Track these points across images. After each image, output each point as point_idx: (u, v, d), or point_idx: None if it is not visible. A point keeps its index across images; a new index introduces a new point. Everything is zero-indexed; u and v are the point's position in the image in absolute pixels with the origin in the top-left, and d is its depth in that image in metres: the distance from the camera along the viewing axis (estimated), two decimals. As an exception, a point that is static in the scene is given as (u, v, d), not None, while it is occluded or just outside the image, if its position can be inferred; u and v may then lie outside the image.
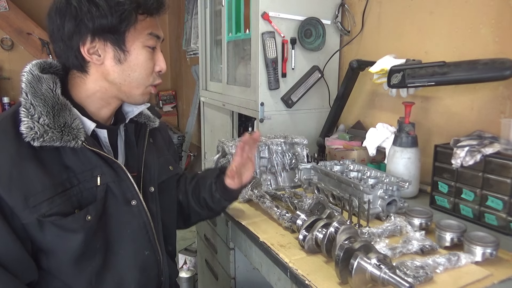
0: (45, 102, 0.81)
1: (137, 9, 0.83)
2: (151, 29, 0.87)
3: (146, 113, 1.04)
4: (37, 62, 0.88)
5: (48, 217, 0.78)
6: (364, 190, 1.12)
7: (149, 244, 0.93)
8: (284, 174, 1.45)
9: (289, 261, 0.93)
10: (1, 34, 3.94)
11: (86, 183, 0.84)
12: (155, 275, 0.96)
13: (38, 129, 0.78)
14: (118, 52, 0.85)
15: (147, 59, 0.88)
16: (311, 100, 1.87)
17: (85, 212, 0.82)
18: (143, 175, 0.96)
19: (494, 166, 1.09)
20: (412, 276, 0.82)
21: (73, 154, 0.83)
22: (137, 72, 0.88)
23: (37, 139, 0.78)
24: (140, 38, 0.86)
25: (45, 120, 0.79)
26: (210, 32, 2.38)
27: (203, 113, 2.55)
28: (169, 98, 4.88)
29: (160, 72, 0.92)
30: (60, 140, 0.80)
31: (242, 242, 1.23)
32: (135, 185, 0.90)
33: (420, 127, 1.46)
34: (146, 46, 0.87)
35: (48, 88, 0.83)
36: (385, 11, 1.67)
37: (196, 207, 1.13)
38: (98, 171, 0.85)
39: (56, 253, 0.82)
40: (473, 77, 1.16)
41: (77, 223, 0.81)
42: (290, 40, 1.74)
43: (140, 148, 0.99)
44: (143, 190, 0.95)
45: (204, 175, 1.15)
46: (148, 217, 0.93)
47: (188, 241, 3.03)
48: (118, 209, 0.88)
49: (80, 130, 0.83)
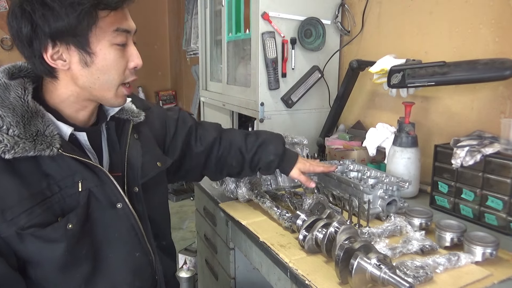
0: (14, 111, 0.76)
1: (96, 6, 0.75)
2: (116, 25, 0.79)
3: (128, 107, 0.98)
4: (5, 68, 0.83)
5: (27, 229, 0.75)
6: (364, 190, 1.12)
7: (139, 246, 0.91)
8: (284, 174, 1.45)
9: (289, 261, 0.93)
10: (1, 34, 3.95)
11: (68, 190, 0.80)
12: (149, 275, 0.94)
13: (8, 141, 0.74)
14: (84, 55, 0.78)
15: (117, 57, 0.81)
16: (311, 100, 1.87)
17: (66, 221, 0.79)
18: (127, 175, 0.92)
19: (494, 166, 1.09)
20: (412, 276, 0.82)
21: (51, 161, 0.79)
22: (107, 74, 0.81)
23: (8, 152, 0.73)
24: (106, 37, 0.79)
25: (15, 131, 0.75)
26: (210, 32, 2.39)
27: (203, 113, 2.55)
28: (169, 98, 4.88)
29: (135, 68, 0.85)
30: (34, 150, 0.75)
31: (242, 242, 1.23)
32: (119, 187, 0.86)
33: (420, 127, 1.46)
34: (114, 44, 0.80)
35: (16, 96, 0.78)
36: (385, 11, 1.67)
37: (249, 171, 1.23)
38: (79, 177, 0.81)
39: (41, 263, 0.80)
40: (473, 77, 1.16)
41: (57, 233, 0.78)
42: (290, 40, 1.74)
43: (123, 146, 0.93)
44: (128, 191, 0.91)
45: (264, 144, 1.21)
46: (135, 219, 0.89)
47: (188, 241, 3.03)
48: (104, 213, 0.85)
49: (54, 137, 0.78)
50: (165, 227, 1.07)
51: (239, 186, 1.30)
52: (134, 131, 0.97)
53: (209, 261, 1.64)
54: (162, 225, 1.04)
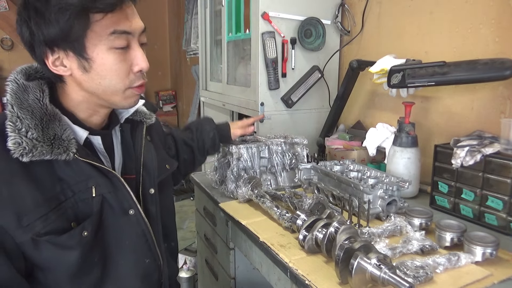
0: (32, 114, 0.76)
1: (88, 10, 0.72)
2: (113, 27, 0.74)
3: (141, 109, 0.97)
4: (22, 68, 0.82)
5: (43, 235, 0.74)
6: (364, 190, 1.12)
7: (149, 252, 0.91)
8: (284, 174, 1.45)
9: (289, 261, 0.93)
10: (1, 34, 3.95)
11: (81, 194, 0.79)
12: (156, 280, 0.94)
13: (27, 144, 0.73)
14: (81, 61, 0.76)
15: (117, 62, 0.77)
16: (311, 100, 1.87)
17: (81, 228, 0.78)
18: (142, 177, 0.91)
19: (494, 166, 1.09)
20: (412, 276, 0.82)
21: (66, 166, 0.78)
22: (107, 78, 0.78)
23: (26, 155, 0.73)
24: (102, 41, 0.74)
25: (34, 134, 0.74)
26: (210, 32, 2.39)
27: (203, 113, 2.55)
28: (169, 98, 4.88)
29: (140, 72, 0.81)
30: (51, 154, 0.75)
31: (242, 242, 1.23)
32: (131, 192, 0.86)
33: (420, 127, 1.46)
34: (113, 48, 0.76)
35: (35, 98, 0.77)
36: (385, 11, 1.67)
37: (200, 157, 1.35)
38: (92, 182, 0.80)
39: (53, 269, 0.79)
40: (473, 77, 1.16)
41: (73, 240, 0.77)
42: (290, 40, 1.74)
43: (138, 148, 0.93)
44: (143, 193, 0.91)
45: (200, 128, 1.36)
46: (146, 225, 0.89)
47: (188, 241, 3.03)
48: (116, 220, 0.85)
49: (71, 141, 0.77)
50: (173, 229, 1.08)
51: (239, 186, 1.30)
52: (146, 133, 0.97)
53: (209, 261, 1.64)
54: (170, 227, 1.05)
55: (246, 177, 1.31)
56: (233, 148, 1.36)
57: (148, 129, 0.99)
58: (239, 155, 1.37)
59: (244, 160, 1.37)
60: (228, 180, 1.35)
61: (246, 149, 1.38)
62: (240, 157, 1.37)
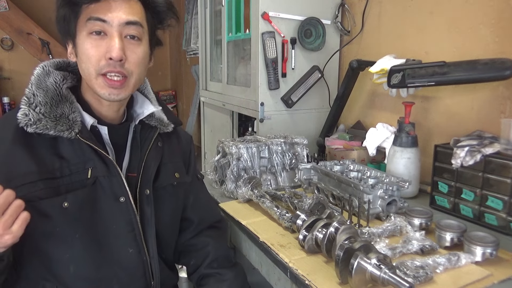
0: (46, 93, 0.85)
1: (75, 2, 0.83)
2: (90, 14, 0.83)
3: (158, 116, 1.02)
4: (55, 60, 0.93)
5: (26, 202, 0.74)
6: (364, 190, 1.12)
7: (134, 243, 0.91)
8: (284, 174, 1.45)
9: (289, 261, 0.93)
10: (1, 34, 3.94)
11: (78, 175, 0.85)
12: (141, 275, 0.94)
13: (32, 116, 0.81)
14: (74, 48, 0.88)
15: (91, 46, 0.83)
16: (311, 100, 1.87)
17: (62, 199, 0.82)
18: (141, 177, 0.95)
19: (494, 166, 1.09)
20: (412, 276, 0.82)
21: (69, 145, 0.85)
22: (84, 63, 0.85)
23: (30, 126, 0.81)
24: (82, 26, 0.84)
25: (41, 109, 0.83)
26: (210, 32, 2.39)
27: (203, 113, 2.55)
28: (169, 98, 4.88)
29: (111, 60, 0.83)
30: (54, 129, 0.82)
31: (242, 242, 1.23)
32: (125, 182, 0.90)
33: (420, 127, 1.46)
34: (90, 33, 0.83)
35: (53, 81, 0.87)
36: (385, 11, 1.67)
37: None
38: (90, 164, 0.86)
39: (31, 234, 0.79)
40: (473, 77, 1.16)
41: (51, 209, 0.81)
42: (290, 40, 1.74)
43: (144, 150, 0.97)
44: (140, 192, 0.94)
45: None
46: (135, 216, 0.91)
47: (188, 241, 3.03)
48: (106, 204, 0.88)
49: (76, 123, 0.85)
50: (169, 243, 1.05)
51: (239, 186, 1.30)
52: (159, 139, 1.01)
53: (209, 261, 1.63)
54: (166, 240, 1.02)
55: (246, 177, 1.31)
56: (233, 148, 1.36)
57: (164, 136, 1.04)
58: (239, 155, 1.37)
59: (244, 160, 1.38)
60: (228, 180, 1.35)
61: (246, 149, 1.38)
62: (240, 157, 1.37)
